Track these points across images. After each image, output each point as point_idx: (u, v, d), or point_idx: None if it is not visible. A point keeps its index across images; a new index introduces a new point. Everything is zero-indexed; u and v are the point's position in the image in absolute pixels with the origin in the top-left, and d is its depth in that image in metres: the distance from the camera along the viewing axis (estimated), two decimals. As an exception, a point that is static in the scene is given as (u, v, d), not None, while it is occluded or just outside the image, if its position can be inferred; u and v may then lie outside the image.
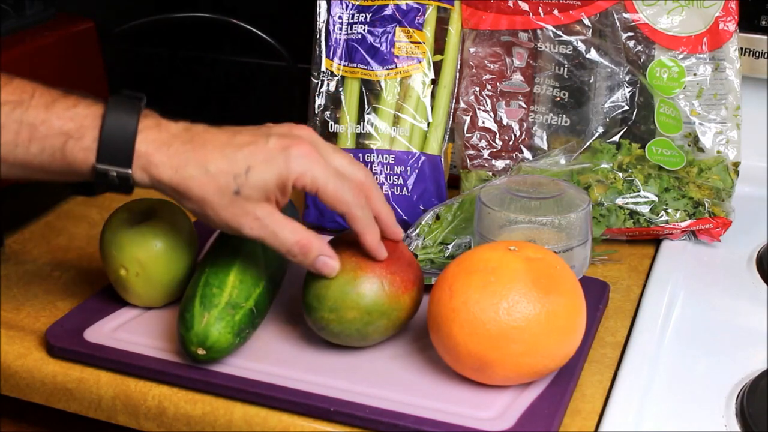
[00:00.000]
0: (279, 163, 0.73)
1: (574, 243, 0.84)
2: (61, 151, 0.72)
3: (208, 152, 0.73)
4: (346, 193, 0.74)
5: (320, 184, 0.74)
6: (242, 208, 0.73)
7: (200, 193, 0.73)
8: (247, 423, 0.74)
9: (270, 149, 0.73)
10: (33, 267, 0.95)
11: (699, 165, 1.00)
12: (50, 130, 0.72)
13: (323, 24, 1.03)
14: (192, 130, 0.74)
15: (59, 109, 0.72)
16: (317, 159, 0.74)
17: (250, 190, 0.72)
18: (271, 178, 0.73)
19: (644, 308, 0.87)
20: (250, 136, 0.74)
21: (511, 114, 1.03)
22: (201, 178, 0.72)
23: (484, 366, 0.72)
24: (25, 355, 0.81)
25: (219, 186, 0.72)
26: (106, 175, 0.73)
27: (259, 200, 0.73)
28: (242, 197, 0.73)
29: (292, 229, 0.74)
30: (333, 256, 0.76)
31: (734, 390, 0.76)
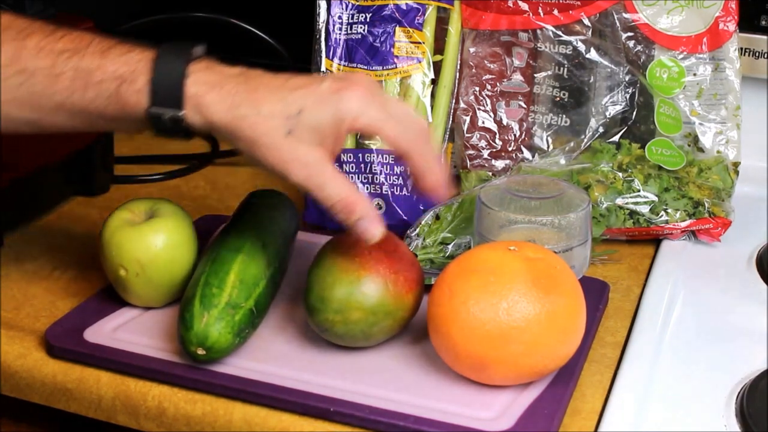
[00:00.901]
0: (332, 104, 0.71)
1: (574, 243, 0.84)
2: (116, 95, 0.73)
3: (261, 94, 0.72)
4: (405, 133, 0.73)
5: (378, 122, 0.72)
6: (292, 152, 0.71)
7: (251, 134, 0.71)
8: (247, 423, 0.74)
9: (323, 91, 0.72)
10: (33, 267, 0.95)
11: (699, 165, 1.00)
12: (104, 74, 0.72)
13: (323, 24, 1.03)
14: (246, 73, 0.73)
15: (113, 55, 0.73)
16: (372, 100, 0.72)
17: (303, 132, 0.71)
18: (324, 118, 0.71)
19: (644, 308, 0.87)
20: (305, 80, 0.73)
21: (511, 114, 1.03)
22: (253, 118, 0.71)
23: (483, 366, 0.72)
24: (25, 355, 0.81)
25: (270, 126, 0.71)
26: (159, 119, 0.72)
27: (310, 144, 0.71)
28: (294, 138, 0.71)
29: (340, 184, 0.72)
30: (377, 221, 0.73)
31: (734, 390, 0.76)
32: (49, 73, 0.73)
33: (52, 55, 0.73)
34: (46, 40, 0.74)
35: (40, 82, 0.73)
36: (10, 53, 0.73)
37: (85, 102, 0.73)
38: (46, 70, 0.73)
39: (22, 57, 0.73)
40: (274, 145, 0.71)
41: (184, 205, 0.87)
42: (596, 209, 0.97)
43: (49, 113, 0.75)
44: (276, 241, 0.85)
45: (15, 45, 0.73)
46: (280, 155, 0.71)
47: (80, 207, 1.08)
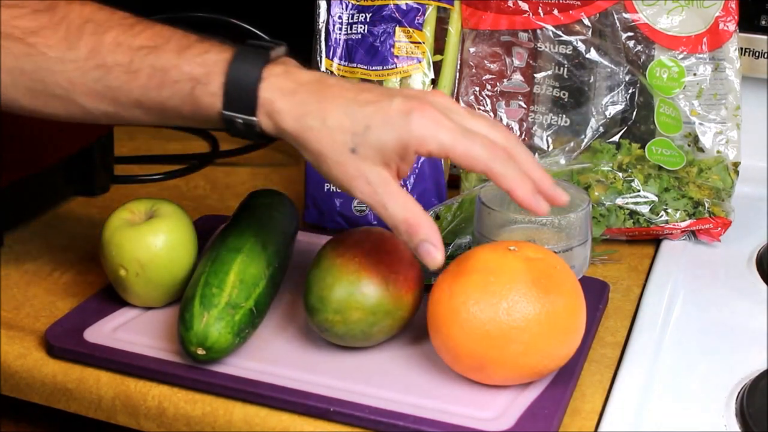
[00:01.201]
0: (399, 126, 0.69)
1: (574, 243, 0.84)
2: (191, 96, 0.72)
3: (331, 106, 0.71)
4: (479, 151, 0.69)
5: (447, 146, 0.69)
6: (357, 169, 0.70)
7: (317, 146, 0.71)
8: (247, 423, 0.74)
9: (391, 111, 0.70)
10: (33, 267, 0.95)
11: (699, 165, 1.00)
12: (180, 74, 0.72)
13: (323, 24, 1.03)
14: (322, 81, 0.72)
15: (190, 55, 0.73)
16: (442, 122, 0.69)
17: (367, 150, 0.70)
18: (389, 140, 0.69)
19: (644, 308, 0.87)
20: (376, 95, 0.71)
21: (511, 114, 1.03)
22: (320, 130, 0.70)
23: (483, 366, 0.72)
24: (25, 355, 0.81)
25: (336, 141, 0.70)
26: (233, 122, 0.72)
27: (375, 163, 0.70)
28: (358, 156, 0.70)
29: (403, 205, 0.70)
30: (439, 245, 0.71)
31: (734, 390, 0.76)
32: (127, 69, 0.73)
33: (130, 51, 0.73)
34: (124, 35, 0.74)
35: (117, 78, 0.73)
36: (90, 47, 0.73)
37: (161, 99, 0.73)
38: (123, 67, 0.73)
39: (101, 52, 0.73)
40: (339, 161, 0.70)
41: (184, 205, 0.87)
42: (596, 209, 0.97)
43: (127, 108, 0.75)
44: (276, 241, 0.85)
45: (94, 39, 0.73)
46: (345, 170, 0.70)
47: (80, 207, 1.08)
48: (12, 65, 0.74)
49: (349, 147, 0.70)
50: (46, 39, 0.73)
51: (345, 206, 0.99)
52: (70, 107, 0.76)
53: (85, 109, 0.75)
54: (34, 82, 0.74)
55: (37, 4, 0.74)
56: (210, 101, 0.72)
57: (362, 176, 0.70)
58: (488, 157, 0.69)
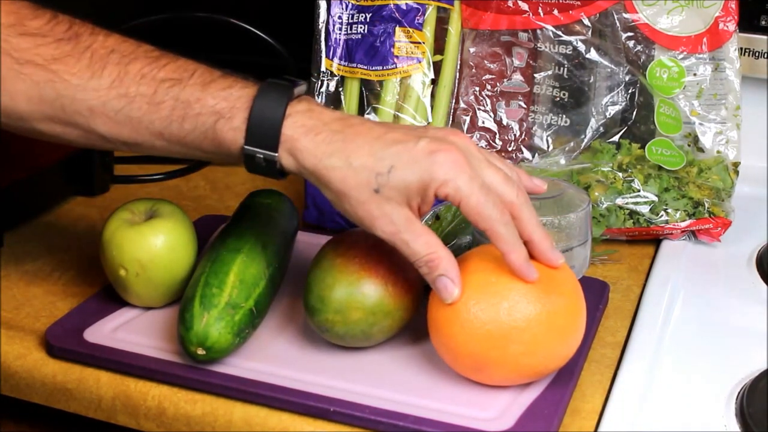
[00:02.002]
0: (423, 166, 0.70)
1: (574, 243, 0.84)
2: (213, 130, 0.73)
3: (356, 146, 0.71)
4: (489, 208, 0.71)
5: (463, 195, 0.70)
6: (380, 208, 0.71)
7: (340, 186, 0.71)
8: (247, 423, 0.74)
9: (417, 151, 0.71)
10: (33, 267, 0.95)
11: (699, 165, 1.00)
12: (203, 108, 0.73)
13: (323, 24, 1.03)
14: (346, 120, 0.73)
15: (214, 89, 0.73)
16: (464, 168, 0.71)
17: (390, 191, 0.71)
18: (412, 181, 0.70)
19: (644, 308, 0.87)
20: (402, 134, 0.72)
21: (511, 114, 1.03)
22: (343, 170, 0.71)
23: (484, 366, 0.72)
24: (25, 355, 0.81)
25: (359, 181, 0.71)
26: (253, 158, 0.73)
27: (398, 203, 0.71)
28: (382, 196, 0.71)
29: (425, 242, 0.72)
30: (457, 280, 0.72)
31: (734, 390, 0.76)
32: (150, 100, 0.74)
33: (154, 83, 0.74)
34: (149, 67, 0.74)
35: (139, 108, 0.74)
36: (114, 76, 0.74)
37: (183, 133, 0.74)
38: (147, 98, 0.74)
39: (125, 82, 0.74)
40: (362, 201, 0.71)
41: (184, 205, 0.87)
42: (596, 209, 0.97)
43: (148, 138, 0.75)
44: (276, 241, 0.85)
45: (119, 69, 0.74)
46: (368, 210, 0.71)
47: (80, 207, 1.08)
48: (33, 92, 0.74)
49: (373, 187, 0.71)
50: (69, 66, 0.74)
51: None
52: (89, 135, 0.76)
53: (104, 138, 0.76)
54: (54, 109, 0.75)
55: (60, 34, 0.75)
56: (232, 136, 0.73)
57: (386, 216, 0.71)
58: (495, 218, 0.71)
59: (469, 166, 0.71)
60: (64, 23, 0.76)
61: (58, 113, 0.75)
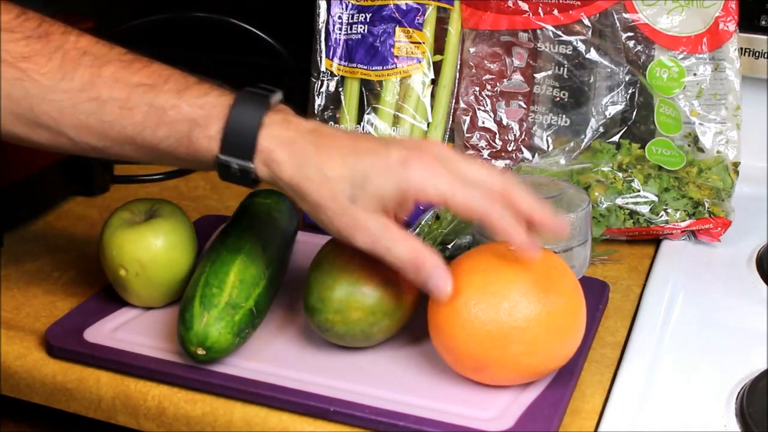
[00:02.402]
0: (398, 175, 0.70)
1: (574, 243, 0.84)
2: (187, 138, 0.72)
3: (330, 156, 0.71)
4: (477, 200, 0.70)
5: (447, 195, 0.70)
6: (356, 219, 0.71)
7: (316, 197, 0.71)
8: (247, 423, 0.74)
9: (391, 160, 0.70)
10: (33, 267, 0.95)
11: (699, 165, 1.00)
12: (178, 115, 0.72)
13: (323, 24, 1.03)
14: (319, 131, 0.73)
15: (190, 96, 0.72)
16: (439, 170, 0.70)
17: (366, 201, 0.70)
18: (388, 190, 0.70)
19: (644, 308, 0.87)
20: (375, 144, 0.72)
21: (511, 114, 1.03)
22: (318, 181, 0.71)
23: (484, 366, 0.72)
24: (25, 355, 0.81)
25: (335, 192, 0.71)
26: (228, 167, 0.72)
27: (374, 211, 0.71)
28: (358, 207, 0.71)
29: (406, 246, 0.71)
30: (444, 276, 0.72)
31: (734, 390, 0.76)
32: (123, 105, 0.72)
33: (127, 87, 0.72)
34: (123, 71, 0.73)
35: (111, 113, 0.72)
36: (86, 79, 0.72)
37: (156, 139, 0.73)
38: (119, 102, 0.72)
39: (97, 85, 0.72)
40: (338, 211, 0.71)
41: (184, 205, 0.87)
42: (596, 209, 0.97)
43: (117, 144, 0.74)
44: (276, 241, 0.85)
45: (91, 72, 0.72)
46: (345, 221, 0.71)
47: (80, 207, 1.08)
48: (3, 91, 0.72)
49: (348, 196, 0.70)
50: (39, 66, 0.72)
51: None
52: (57, 138, 0.74)
53: (73, 141, 0.74)
54: (21, 108, 0.73)
55: (30, 31, 0.73)
56: (207, 144, 0.72)
57: (363, 226, 0.71)
58: (486, 206, 0.70)
59: (445, 168, 0.71)
60: (34, 20, 0.74)
61: (26, 113, 0.73)
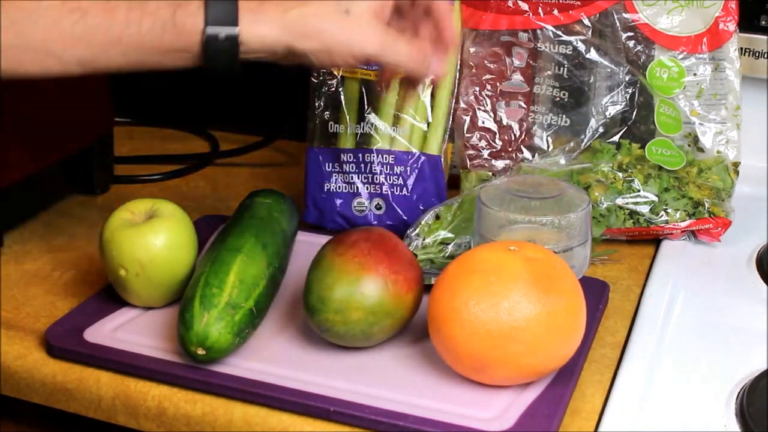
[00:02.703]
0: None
1: (574, 243, 0.84)
2: (171, 21, 0.74)
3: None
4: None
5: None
6: (358, 28, 0.75)
7: (316, 25, 0.75)
8: (247, 423, 0.74)
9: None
10: (33, 267, 0.95)
11: (699, 165, 1.00)
12: (159, 3, 0.74)
13: (323, 24, 1.03)
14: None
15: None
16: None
17: (359, 8, 0.75)
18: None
19: (644, 308, 0.87)
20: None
21: (511, 114, 1.03)
22: (310, 12, 0.75)
23: (484, 366, 0.72)
24: (25, 355, 0.81)
25: (329, 11, 0.75)
26: (216, 39, 0.74)
27: (369, 17, 0.76)
28: (354, 16, 0.75)
29: (406, 41, 0.78)
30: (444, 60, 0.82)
31: (734, 390, 0.76)
32: (104, 8, 0.74)
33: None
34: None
35: (94, 17, 0.73)
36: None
37: (141, 33, 0.74)
38: (100, 6, 0.73)
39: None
40: (339, 28, 0.75)
41: (184, 205, 0.87)
42: (596, 209, 0.97)
43: (103, 49, 0.74)
44: (276, 241, 0.85)
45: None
46: (349, 34, 0.75)
47: (80, 207, 1.08)
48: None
49: (342, 11, 0.75)
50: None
51: (345, 206, 0.99)
52: (45, 60, 0.74)
53: (60, 59, 0.74)
54: (9, 37, 0.73)
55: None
56: (192, 21, 0.74)
57: (365, 33, 0.76)
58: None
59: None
60: None
61: (14, 42, 0.73)
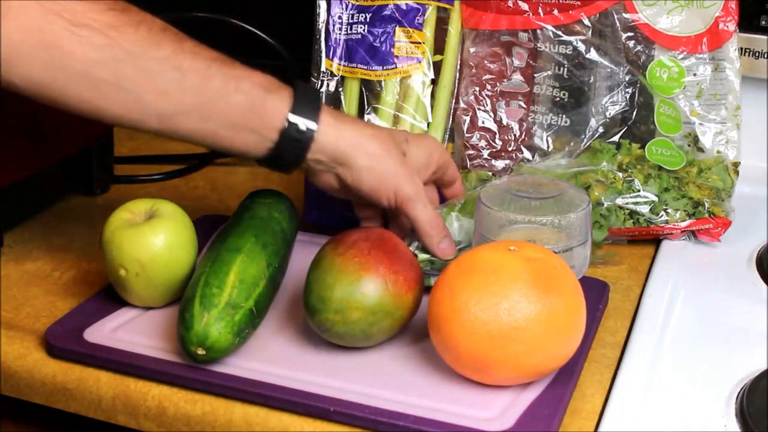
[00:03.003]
0: (427, 140, 0.90)
1: (574, 243, 0.84)
2: (261, 103, 0.79)
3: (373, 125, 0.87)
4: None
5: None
6: (407, 169, 0.84)
7: (378, 148, 0.83)
8: (247, 423, 0.74)
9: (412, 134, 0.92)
10: (33, 267, 0.95)
11: (699, 165, 1.00)
12: (252, 83, 0.79)
13: (323, 24, 1.03)
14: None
15: (258, 72, 0.80)
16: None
17: (411, 157, 0.86)
18: (422, 149, 0.88)
19: (644, 308, 0.87)
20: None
21: (511, 114, 1.03)
22: (376, 136, 0.83)
23: (484, 366, 0.72)
24: (25, 355, 0.81)
25: (393, 142, 0.84)
26: (295, 127, 0.79)
27: (419, 168, 0.86)
28: (407, 161, 0.85)
29: (431, 207, 0.85)
30: (453, 243, 0.86)
31: (734, 390, 0.76)
32: (204, 75, 0.77)
33: (206, 60, 0.78)
34: (198, 47, 0.78)
35: (192, 79, 0.77)
36: (170, 50, 0.76)
37: (229, 105, 0.78)
38: (200, 71, 0.77)
39: (180, 56, 0.77)
40: (395, 161, 0.83)
41: (184, 205, 0.87)
42: (596, 209, 0.97)
43: (187, 110, 0.77)
44: (276, 241, 0.85)
45: (174, 44, 0.77)
46: (398, 169, 0.83)
47: (80, 207, 1.08)
48: (91, 54, 0.73)
49: (401, 151, 0.85)
50: (127, 35, 0.75)
51: (345, 206, 0.99)
52: (129, 104, 0.76)
53: (144, 108, 0.76)
54: (104, 73, 0.74)
55: (112, 4, 0.75)
56: (279, 106, 0.79)
57: (409, 176, 0.84)
58: None
59: None
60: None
61: (108, 77, 0.74)
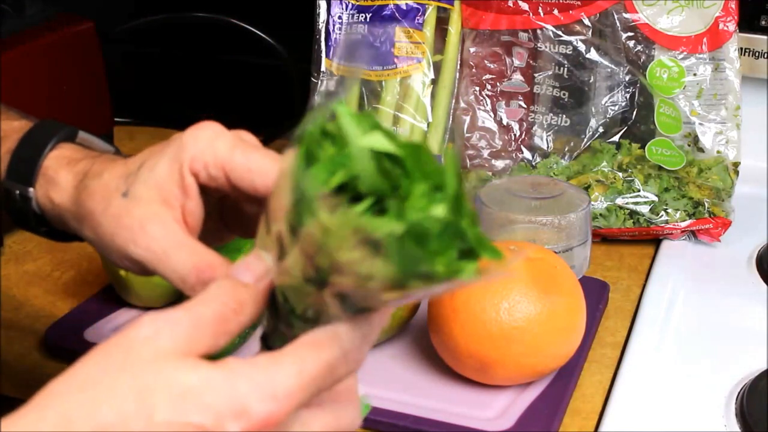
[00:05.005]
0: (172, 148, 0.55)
1: (574, 243, 0.84)
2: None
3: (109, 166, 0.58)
4: None
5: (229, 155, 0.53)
6: (131, 216, 0.54)
7: (90, 205, 0.56)
8: (247, 423, 0.74)
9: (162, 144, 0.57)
10: (33, 267, 0.95)
11: (699, 165, 1.00)
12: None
13: (323, 24, 1.03)
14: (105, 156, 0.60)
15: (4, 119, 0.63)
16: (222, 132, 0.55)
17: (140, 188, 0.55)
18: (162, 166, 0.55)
19: (644, 308, 0.87)
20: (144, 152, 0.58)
21: (511, 114, 1.03)
22: (93, 186, 0.57)
23: (484, 366, 0.72)
24: (25, 355, 0.81)
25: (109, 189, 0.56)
26: (11, 195, 0.60)
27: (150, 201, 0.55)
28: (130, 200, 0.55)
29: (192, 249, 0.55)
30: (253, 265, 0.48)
31: (734, 390, 0.76)
32: None
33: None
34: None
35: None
36: None
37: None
38: None
39: None
40: (111, 211, 0.55)
41: (184, 205, 0.87)
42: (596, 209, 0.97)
43: None
44: (276, 241, 0.85)
45: None
46: (118, 222, 0.54)
47: (80, 207, 1.08)
48: None
49: (122, 192, 0.55)
50: None
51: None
52: None
53: None
54: None
55: None
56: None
57: (138, 225, 0.54)
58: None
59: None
60: None
61: None
